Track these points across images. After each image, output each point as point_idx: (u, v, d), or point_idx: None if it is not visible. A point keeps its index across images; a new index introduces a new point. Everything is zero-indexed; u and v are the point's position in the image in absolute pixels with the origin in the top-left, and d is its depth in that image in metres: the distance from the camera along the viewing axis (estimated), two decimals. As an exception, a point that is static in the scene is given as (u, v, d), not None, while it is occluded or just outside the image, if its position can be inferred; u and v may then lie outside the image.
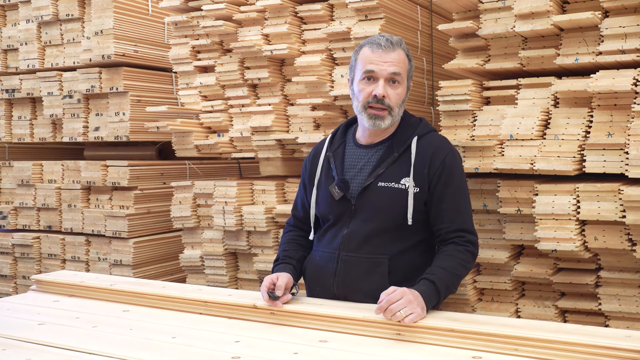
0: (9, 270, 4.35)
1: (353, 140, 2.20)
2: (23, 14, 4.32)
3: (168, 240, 4.19)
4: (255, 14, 3.06)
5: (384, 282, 2.03)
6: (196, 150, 3.32)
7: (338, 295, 2.09)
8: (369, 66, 2.04)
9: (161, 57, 4.22)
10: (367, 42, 2.09)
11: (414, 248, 2.09)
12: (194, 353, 1.63)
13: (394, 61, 2.05)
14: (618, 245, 2.20)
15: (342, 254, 2.10)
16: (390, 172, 2.07)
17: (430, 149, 2.08)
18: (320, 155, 2.23)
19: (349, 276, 2.08)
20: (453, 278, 1.96)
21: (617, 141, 2.17)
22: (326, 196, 2.16)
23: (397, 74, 2.05)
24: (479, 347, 1.58)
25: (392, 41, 2.07)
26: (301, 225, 2.32)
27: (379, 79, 2.04)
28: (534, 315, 2.41)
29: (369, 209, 2.08)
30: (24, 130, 4.50)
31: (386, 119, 2.06)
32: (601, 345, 1.47)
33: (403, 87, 2.09)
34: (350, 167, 2.14)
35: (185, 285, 2.35)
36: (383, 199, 2.06)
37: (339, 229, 2.13)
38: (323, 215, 2.20)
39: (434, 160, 2.06)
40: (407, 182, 2.04)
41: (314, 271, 2.17)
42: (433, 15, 3.19)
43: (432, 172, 2.05)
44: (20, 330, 1.85)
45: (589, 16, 2.20)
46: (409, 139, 2.10)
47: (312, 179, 2.23)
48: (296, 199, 2.35)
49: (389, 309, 1.73)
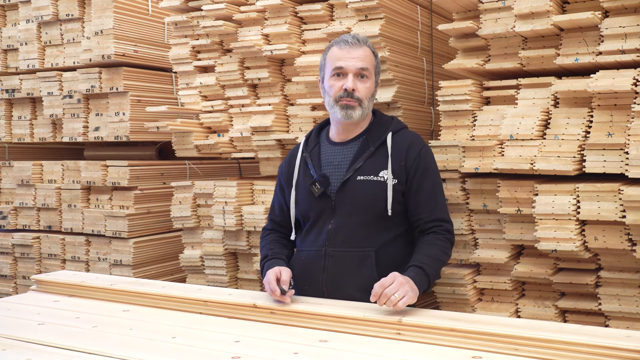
0: (9, 270, 4.35)
1: (327, 140, 2.30)
2: (23, 14, 4.32)
3: (168, 240, 4.18)
4: (255, 14, 3.06)
5: (373, 275, 2.10)
6: (196, 150, 3.32)
7: (327, 292, 2.14)
8: (338, 63, 2.16)
9: (161, 57, 4.22)
10: (335, 42, 2.22)
11: (397, 240, 2.19)
12: (194, 353, 1.63)
13: (360, 57, 2.16)
14: (618, 245, 2.20)
15: (329, 250, 2.16)
16: (368, 165, 2.16)
17: (405, 143, 2.19)
18: (296, 157, 2.31)
19: (339, 271, 2.14)
20: (437, 264, 2.08)
21: (617, 141, 2.17)
22: (306, 195, 2.23)
23: (364, 68, 2.16)
24: (479, 347, 1.58)
25: (359, 39, 2.20)
26: (280, 228, 2.38)
27: (348, 74, 2.15)
28: (534, 315, 2.41)
29: (349, 203, 2.15)
30: (24, 130, 4.50)
31: (357, 109, 2.16)
32: (601, 345, 1.47)
33: (371, 81, 2.20)
34: (327, 164, 2.22)
35: (185, 285, 2.35)
36: (363, 192, 2.14)
37: (322, 225, 2.19)
38: (304, 214, 2.26)
39: (409, 153, 2.17)
40: (386, 175, 2.14)
41: (302, 270, 2.20)
42: (433, 15, 3.19)
43: (408, 164, 2.16)
44: (20, 330, 1.85)
45: (589, 16, 2.20)
46: (383, 134, 2.21)
47: (290, 180, 2.31)
48: (272, 203, 2.42)
49: (383, 293, 1.79)
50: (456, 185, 2.51)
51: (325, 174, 2.19)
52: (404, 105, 2.91)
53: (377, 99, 2.80)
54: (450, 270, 2.50)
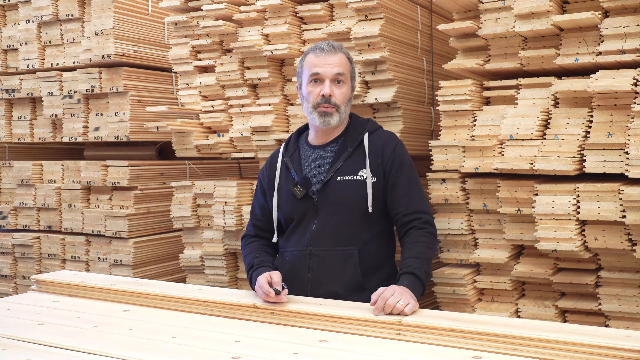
0: (9, 270, 4.35)
1: (306, 144, 2.38)
2: (23, 14, 4.32)
3: (168, 240, 4.18)
4: (255, 14, 3.06)
5: (357, 272, 2.18)
6: (196, 150, 3.32)
7: (312, 290, 2.19)
8: (315, 69, 2.23)
9: (161, 57, 4.22)
10: (311, 49, 2.29)
11: (379, 237, 2.26)
12: (194, 353, 1.63)
13: (336, 63, 2.24)
14: (618, 245, 2.20)
15: (313, 250, 2.22)
16: (347, 165, 2.24)
17: (380, 142, 2.27)
18: (277, 162, 2.38)
19: (323, 270, 2.20)
20: (426, 263, 2.10)
21: (617, 141, 2.17)
22: (288, 197, 2.29)
23: (341, 74, 2.24)
24: (479, 347, 1.58)
25: (334, 45, 2.28)
26: (262, 233, 2.41)
27: (325, 80, 2.23)
28: (534, 315, 2.41)
29: (331, 203, 2.22)
30: (24, 130, 4.50)
31: (334, 115, 2.23)
32: (601, 345, 1.47)
33: (347, 86, 2.28)
34: (308, 167, 2.30)
35: (185, 285, 2.35)
36: (344, 191, 2.21)
37: (305, 226, 2.25)
38: (287, 216, 2.31)
39: (385, 151, 2.25)
40: (365, 173, 2.22)
41: (287, 270, 2.24)
42: (433, 15, 3.19)
43: (384, 161, 2.24)
44: (20, 330, 1.85)
45: (589, 16, 2.20)
46: (360, 135, 2.29)
47: (271, 184, 2.36)
48: (252, 209, 2.46)
49: (387, 304, 1.80)
50: (456, 185, 2.51)
51: (306, 176, 2.25)
52: (404, 105, 2.91)
53: (377, 99, 2.80)
54: (450, 270, 2.50)
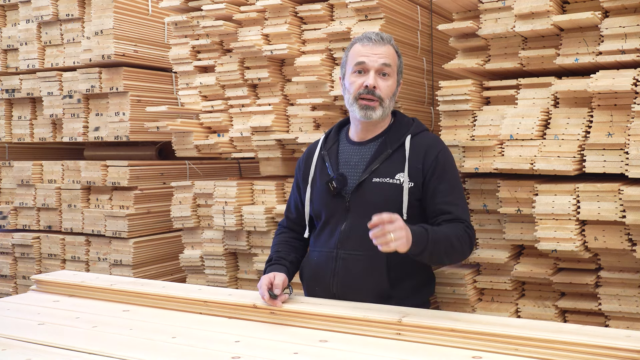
0: (9, 270, 4.35)
1: (346, 138, 2.25)
2: (23, 14, 4.32)
3: (168, 240, 4.18)
4: (255, 14, 3.06)
5: (384, 280, 2.06)
6: (196, 150, 3.32)
7: (338, 294, 2.10)
8: (360, 58, 2.11)
9: (161, 57, 4.22)
10: (358, 39, 2.17)
11: None
12: (194, 353, 1.63)
13: (384, 53, 2.11)
14: (618, 245, 2.20)
15: (340, 253, 2.12)
16: (384, 167, 2.11)
17: (423, 146, 2.13)
18: (314, 154, 2.27)
19: (349, 274, 2.09)
20: (444, 242, 1.95)
21: (617, 141, 2.17)
22: (320, 193, 2.19)
23: (387, 64, 2.11)
24: (479, 347, 1.58)
25: (382, 36, 2.15)
26: (294, 226, 2.34)
27: (370, 71, 2.10)
28: (534, 315, 2.41)
29: (363, 205, 2.09)
30: (24, 130, 4.50)
31: (377, 109, 2.10)
32: (601, 345, 1.47)
33: (393, 80, 2.15)
34: (345, 164, 2.18)
35: (185, 285, 2.35)
36: (378, 194, 2.09)
37: (334, 226, 2.15)
38: (316, 212, 2.22)
39: (427, 156, 2.10)
40: (402, 177, 2.08)
41: (313, 272, 2.18)
42: (433, 15, 3.19)
43: (425, 168, 2.09)
44: (20, 330, 1.85)
45: (589, 16, 2.20)
46: (402, 137, 2.15)
47: (306, 177, 2.27)
48: (289, 200, 2.38)
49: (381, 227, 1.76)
50: (456, 185, 2.51)
51: (343, 174, 2.14)
52: (404, 105, 2.91)
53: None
54: (450, 270, 2.50)
